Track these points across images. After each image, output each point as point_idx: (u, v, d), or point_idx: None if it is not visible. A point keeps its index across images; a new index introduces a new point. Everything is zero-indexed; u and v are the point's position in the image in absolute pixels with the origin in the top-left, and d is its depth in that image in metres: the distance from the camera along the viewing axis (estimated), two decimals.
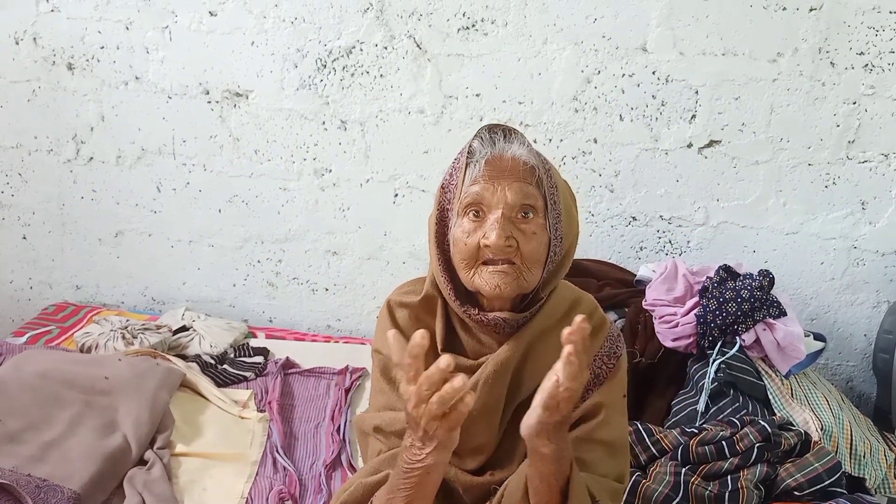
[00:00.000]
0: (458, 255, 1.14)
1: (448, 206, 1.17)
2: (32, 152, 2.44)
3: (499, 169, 1.12)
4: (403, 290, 1.27)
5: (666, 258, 2.27)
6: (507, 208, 1.10)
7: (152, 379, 1.86)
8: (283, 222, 2.43)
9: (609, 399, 1.19)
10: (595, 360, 1.21)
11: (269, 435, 1.88)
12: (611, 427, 1.19)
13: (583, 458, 1.15)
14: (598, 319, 1.24)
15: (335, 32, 2.20)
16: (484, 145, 1.15)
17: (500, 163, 1.12)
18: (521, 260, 1.11)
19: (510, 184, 1.11)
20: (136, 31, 2.27)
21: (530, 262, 1.12)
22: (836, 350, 2.36)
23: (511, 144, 1.15)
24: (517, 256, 1.11)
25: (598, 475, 1.15)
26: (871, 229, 2.21)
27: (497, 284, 1.11)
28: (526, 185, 1.11)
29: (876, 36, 2.03)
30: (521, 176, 1.12)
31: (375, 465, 1.20)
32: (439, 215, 1.18)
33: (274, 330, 2.47)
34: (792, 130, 2.14)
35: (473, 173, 1.13)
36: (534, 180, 1.12)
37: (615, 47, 2.12)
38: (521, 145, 1.15)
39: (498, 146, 1.14)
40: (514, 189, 1.11)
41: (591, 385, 1.20)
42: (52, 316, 2.39)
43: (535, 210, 1.12)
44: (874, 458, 1.82)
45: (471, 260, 1.13)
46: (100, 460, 1.59)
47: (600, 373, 1.21)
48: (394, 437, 1.20)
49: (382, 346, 1.23)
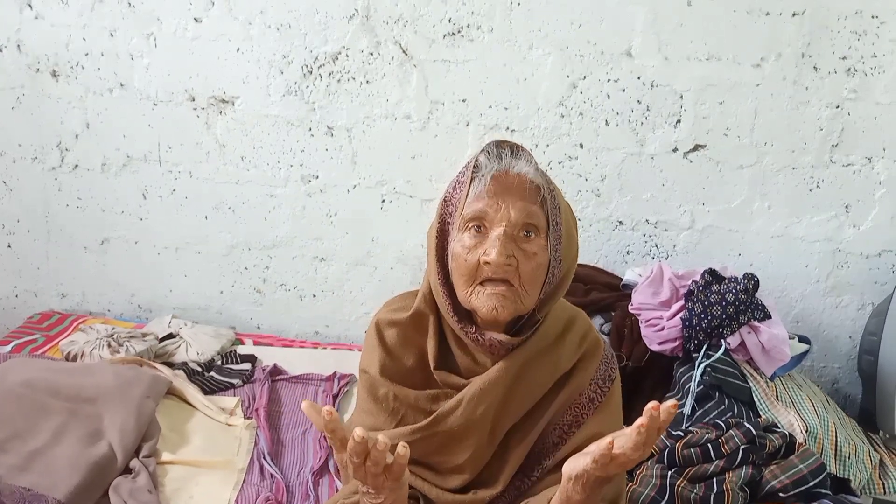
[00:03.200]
0: (458, 271, 1.13)
1: (450, 219, 1.15)
2: (17, 160, 2.43)
3: (504, 185, 1.10)
4: (392, 307, 1.26)
5: (652, 262, 2.28)
6: (509, 226, 1.09)
7: (138, 387, 1.85)
8: (270, 229, 2.42)
9: (607, 427, 1.19)
10: (590, 384, 1.21)
11: (257, 442, 1.87)
12: None
13: None
14: (593, 342, 1.24)
15: (321, 38, 2.21)
16: (490, 160, 1.13)
17: (505, 179, 1.11)
18: (520, 281, 1.10)
19: (514, 202, 1.10)
20: (120, 37, 2.27)
21: (528, 283, 1.11)
22: (821, 352, 2.37)
23: (518, 161, 1.13)
24: (515, 277, 1.10)
25: None
26: (855, 232, 2.22)
27: (494, 307, 1.10)
28: (530, 205, 1.10)
29: (858, 40, 2.05)
30: (526, 194, 1.10)
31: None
32: (440, 228, 1.17)
33: (261, 337, 2.46)
34: (776, 134, 2.15)
35: (478, 188, 1.11)
36: (538, 200, 1.11)
37: (600, 53, 2.13)
38: (528, 163, 1.13)
39: (505, 162, 1.12)
40: (518, 207, 1.09)
41: (586, 409, 1.20)
42: (37, 325, 2.37)
43: (538, 230, 1.11)
44: (859, 458, 1.83)
45: (469, 277, 1.11)
46: (85, 469, 1.58)
47: (595, 397, 1.21)
48: None
49: (369, 365, 1.23)
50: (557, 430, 1.20)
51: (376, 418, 1.21)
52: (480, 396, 1.15)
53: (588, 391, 1.20)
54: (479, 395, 1.15)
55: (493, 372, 1.15)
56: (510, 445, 1.20)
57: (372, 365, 1.22)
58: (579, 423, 1.19)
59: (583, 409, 1.20)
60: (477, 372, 1.18)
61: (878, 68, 2.07)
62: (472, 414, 1.15)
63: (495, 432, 1.19)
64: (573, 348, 1.21)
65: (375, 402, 1.22)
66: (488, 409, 1.16)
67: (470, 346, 1.18)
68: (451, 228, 1.15)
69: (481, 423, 1.17)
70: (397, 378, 1.21)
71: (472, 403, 1.15)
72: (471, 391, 1.15)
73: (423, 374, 1.21)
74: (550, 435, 1.20)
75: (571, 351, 1.21)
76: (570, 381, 1.20)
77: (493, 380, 1.15)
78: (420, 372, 1.21)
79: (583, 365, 1.21)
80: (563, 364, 1.20)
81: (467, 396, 1.15)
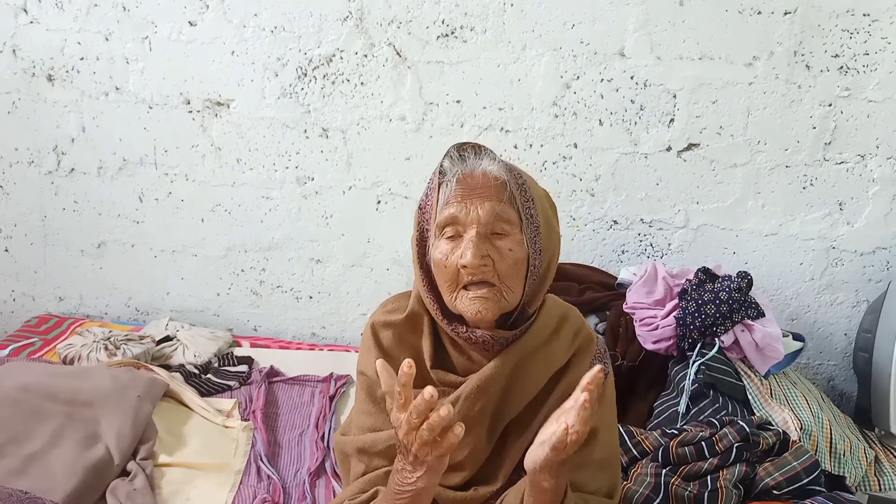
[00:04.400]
0: (440, 278, 1.14)
1: (426, 226, 1.16)
2: (13, 164, 2.44)
3: (469, 187, 1.11)
4: (387, 309, 1.27)
5: (647, 261, 2.28)
6: (480, 227, 1.10)
7: (135, 390, 1.86)
8: (267, 231, 2.43)
9: (602, 422, 1.21)
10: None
11: (254, 443, 1.88)
12: (603, 446, 1.21)
13: (574, 481, 1.17)
14: (586, 337, 1.25)
15: (315, 41, 2.21)
16: (454, 164, 1.14)
17: (470, 180, 1.12)
18: (500, 279, 1.11)
19: (482, 202, 1.10)
20: (115, 41, 2.27)
21: (509, 280, 1.12)
22: (816, 350, 2.38)
23: (481, 161, 1.14)
24: (494, 276, 1.11)
25: (587, 493, 1.17)
26: (849, 229, 2.23)
27: (478, 310, 1.11)
28: (498, 203, 1.11)
29: (850, 38, 2.06)
30: (493, 193, 1.11)
31: (361, 485, 1.20)
32: (419, 236, 1.18)
33: (259, 338, 2.47)
34: (769, 133, 2.16)
35: (446, 193, 1.12)
36: (505, 196, 1.12)
37: (593, 53, 2.14)
38: (492, 161, 1.14)
39: (468, 163, 1.14)
40: (486, 208, 1.10)
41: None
42: (34, 328, 2.37)
43: (510, 225, 1.12)
44: (854, 456, 1.84)
45: (451, 283, 1.12)
46: (82, 472, 1.59)
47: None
48: (377, 458, 1.21)
49: (367, 367, 1.24)
50: None
51: (375, 419, 1.22)
52: (478, 393, 1.16)
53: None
54: (477, 392, 1.16)
55: (489, 369, 1.16)
56: (508, 441, 1.21)
57: (369, 366, 1.23)
58: None
59: None
60: (473, 370, 1.18)
61: (870, 66, 2.07)
62: (469, 411, 1.16)
63: (493, 429, 1.20)
64: (567, 344, 1.22)
65: (374, 402, 1.23)
66: (486, 406, 1.17)
67: (463, 345, 1.19)
68: (428, 235, 1.16)
69: (479, 420, 1.18)
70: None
71: (470, 400, 1.16)
72: (468, 388, 1.16)
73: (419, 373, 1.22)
74: None
75: (565, 347, 1.22)
76: (565, 377, 1.22)
77: (489, 376, 1.16)
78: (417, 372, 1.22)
79: (577, 360, 1.23)
80: (557, 360, 1.21)
81: (464, 394, 1.16)
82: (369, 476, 1.20)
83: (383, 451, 1.20)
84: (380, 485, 1.17)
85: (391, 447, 1.18)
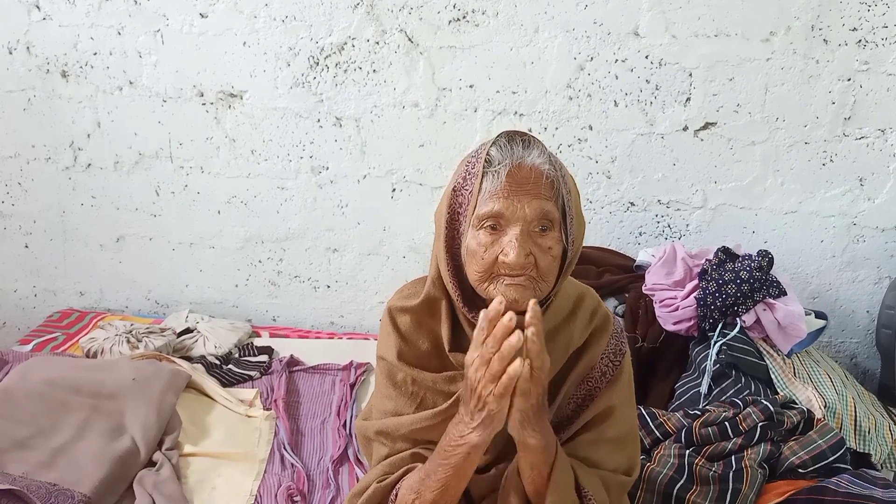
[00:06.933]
0: (473, 266, 1.12)
1: (460, 209, 1.14)
2: (31, 161, 2.46)
3: (518, 182, 1.09)
4: (404, 294, 1.27)
5: (665, 242, 2.27)
6: (525, 224, 1.09)
7: (158, 381, 1.88)
8: (283, 221, 2.44)
9: (619, 399, 1.22)
10: (602, 358, 1.22)
11: (276, 432, 1.89)
12: (620, 423, 1.21)
13: (591, 458, 1.17)
14: (602, 317, 1.24)
15: (326, 29, 2.20)
16: (503, 154, 1.11)
17: (518, 174, 1.09)
18: (538, 273, 1.10)
19: (529, 200, 1.08)
20: (128, 36, 2.28)
21: (546, 274, 1.11)
22: (839, 327, 2.36)
23: (531, 153, 1.11)
24: (533, 270, 1.10)
25: (607, 471, 1.18)
26: (870, 205, 2.20)
27: (515, 298, 1.09)
28: (545, 201, 1.09)
29: (868, 11, 2.03)
30: (542, 191, 1.09)
31: (386, 467, 1.21)
32: (450, 218, 1.15)
33: (278, 328, 2.48)
34: (787, 109, 2.13)
35: (493, 185, 1.09)
36: (552, 194, 1.10)
37: (607, 33, 2.12)
38: (541, 154, 1.11)
39: (517, 155, 1.10)
40: (534, 206, 1.08)
41: (599, 383, 1.22)
42: (57, 323, 2.40)
43: (553, 224, 1.10)
44: (879, 433, 1.82)
45: (486, 273, 1.11)
46: (109, 463, 1.61)
47: (607, 370, 1.22)
48: (400, 441, 1.22)
49: (386, 352, 1.25)
50: (572, 403, 1.23)
51: (396, 402, 1.23)
52: None
53: (600, 365, 1.22)
54: None
55: None
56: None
57: (388, 351, 1.24)
58: (593, 396, 1.21)
59: (596, 382, 1.22)
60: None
61: (889, 39, 2.04)
62: None
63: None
64: (584, 324, 1.22)
65: (395, 387, 1.24)
66: None
67: None
68: (462, 219, 1.14)
69: None
70: (414, 362, 1.23)
71: None
72: None
73: (438, 356, 1.22)
74: (565, 409, 1.22)
75: (582, 327, 1.22)
76: (582, 357, 1.22)
77: None
78: (436, 355, 1.22)
79: (594, 340, 1.23)
80: (575, 340, 1.21)
81: None
82: (393, 459, 1.21)
83: (406, 434, 1.21)
84: (404, 466, 1.18)
85: (414, 431, 1.19)
